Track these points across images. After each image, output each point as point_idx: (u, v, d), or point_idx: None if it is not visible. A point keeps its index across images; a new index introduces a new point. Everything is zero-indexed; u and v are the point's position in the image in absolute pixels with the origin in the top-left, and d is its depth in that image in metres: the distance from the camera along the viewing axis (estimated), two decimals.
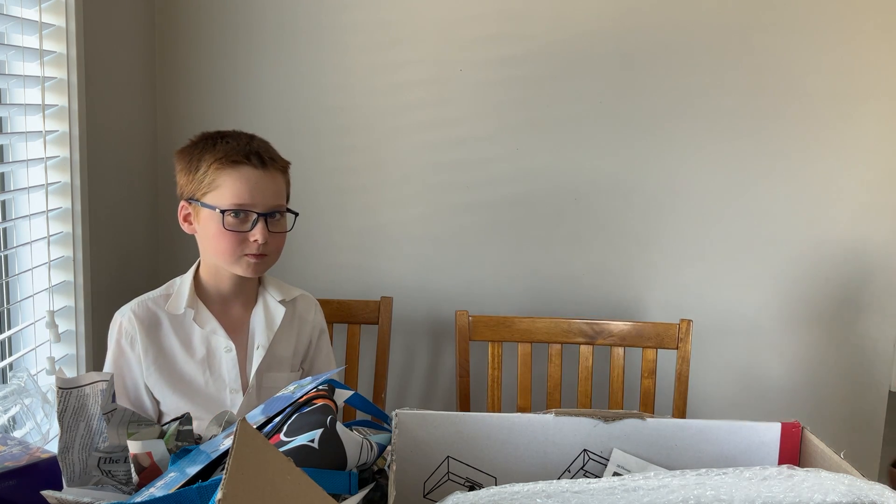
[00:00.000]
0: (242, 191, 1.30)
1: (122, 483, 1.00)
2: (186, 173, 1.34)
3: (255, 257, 1.33)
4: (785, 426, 0.94)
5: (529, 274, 1.92)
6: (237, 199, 1.30)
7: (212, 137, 1.35)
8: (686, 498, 0.75)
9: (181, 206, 1.36)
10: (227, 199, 1.30)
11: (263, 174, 1.33)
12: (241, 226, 1.31)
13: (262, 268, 1.36)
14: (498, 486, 0.79)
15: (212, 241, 1.32)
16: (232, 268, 1.35)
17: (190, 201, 1.34)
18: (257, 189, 1.31)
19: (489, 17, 1.83)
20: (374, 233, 1.91)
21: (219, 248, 1.32)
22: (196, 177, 1.32)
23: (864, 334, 1.92)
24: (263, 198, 1.32)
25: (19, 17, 1.34)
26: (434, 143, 1.88)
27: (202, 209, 1.32)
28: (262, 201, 1.32)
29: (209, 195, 1.31)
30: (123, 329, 1.35)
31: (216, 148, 1.32)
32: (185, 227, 1.37)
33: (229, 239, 1.30)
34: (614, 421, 0.93)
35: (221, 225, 1.30)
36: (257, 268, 1.34)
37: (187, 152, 1.35)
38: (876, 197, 1.87)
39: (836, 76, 1.83)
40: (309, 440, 0.85)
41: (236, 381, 1.36)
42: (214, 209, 1.30)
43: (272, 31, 1.83)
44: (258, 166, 1.32)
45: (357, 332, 1.76)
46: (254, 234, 1.31)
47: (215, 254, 1.34)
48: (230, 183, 1.30)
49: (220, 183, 1.30)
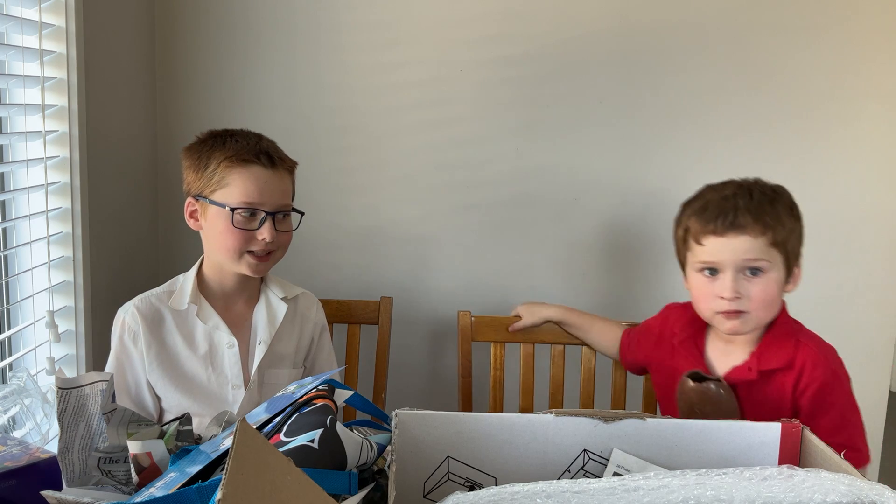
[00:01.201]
0: (252, 189, 1.32)
1: (122, 483, 1.00)
2: (195, 170, 1.35)
3: (258, 258, 1.35)
4: (785, 426, 0.94)
5: (529, 274, 1.92)
6: (246, 197, 1.32)
7: (221, 135, 1.36)
8: (686, 498, 0.75)
9: (188, 203, 1.36)
10: (236, 197, 1.31)
11: (272, 174, 1.35)
12: (249, 224, 1.33)
13: (265, 268, 1.38)
14: (498, 486, 0.79)
15: (218, 238, 1.33)
16: (235, 266, 1.36)
17: (197, 198, 1.35)
18: (266, 188, 1.33)
19: (489, 17, 1.83)
20: (374, 233, 1.91)
21: (225, 246, 1.33)
22: (205, 174, 1.33)
23: (863, 334, 1.92)
24: (272, 197, 1.34)
25: (19, 17, 1.34)
26: (434, 143, 1.88)
27: (210, 206, 1.33)
28: (270, 200, 1.34)
29: (218, 193, 1.32)
30: (126, 325, 1.36)
31: (226, 146, 1.33)
32: (190, 223, 1.38)
33: (236, 236, 1.32)
34: (614, 421, 0.93)
35: (230, 222, 1.31)
36: (259, 268, 1.36)
37: (196, 149, 1.36)
38: (876, 197, 1.87)
39: (837, 76, 1.83)
40: (309, 440, 0.86)
41: (238, 377, 1.37)
42: (224, 207, 1.31)
43: (273, 31, 1.83)
44: (267, 166, 1.34)
45: (357, 332, 1.76)
46: (261, 232, 1.33)
47: (220, 251, 1.35)
48: (240, 181, 1.32)
49: (229, 181, 1.32)
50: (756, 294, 1.24)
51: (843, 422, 1.26)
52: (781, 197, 1.28)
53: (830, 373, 1.26)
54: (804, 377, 1.26)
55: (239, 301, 1.43)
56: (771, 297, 1.26)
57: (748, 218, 1.24)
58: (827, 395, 1.26)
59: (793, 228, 1.27)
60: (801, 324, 1.32)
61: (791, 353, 1.27)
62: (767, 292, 1.25)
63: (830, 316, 1.91)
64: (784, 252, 1.26)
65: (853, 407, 1.28)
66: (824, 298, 1.91)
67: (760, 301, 1.25)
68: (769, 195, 1.27)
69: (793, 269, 1.29)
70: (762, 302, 1.25)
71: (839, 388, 1.27)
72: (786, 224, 1.26)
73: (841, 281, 1.90)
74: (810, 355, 1.26)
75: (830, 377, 1.26)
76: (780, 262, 1.26)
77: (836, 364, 1.28)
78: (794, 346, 1.27)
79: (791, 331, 1.29)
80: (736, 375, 1.29)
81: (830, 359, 1.28)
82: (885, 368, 1.95)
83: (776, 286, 1.26)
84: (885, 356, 1.94)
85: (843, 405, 1.27)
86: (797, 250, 1.29)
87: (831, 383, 1.26)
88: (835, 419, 1.25)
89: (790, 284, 1.29)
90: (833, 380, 1.26)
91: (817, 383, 1.25)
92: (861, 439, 1.27)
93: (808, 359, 1.26)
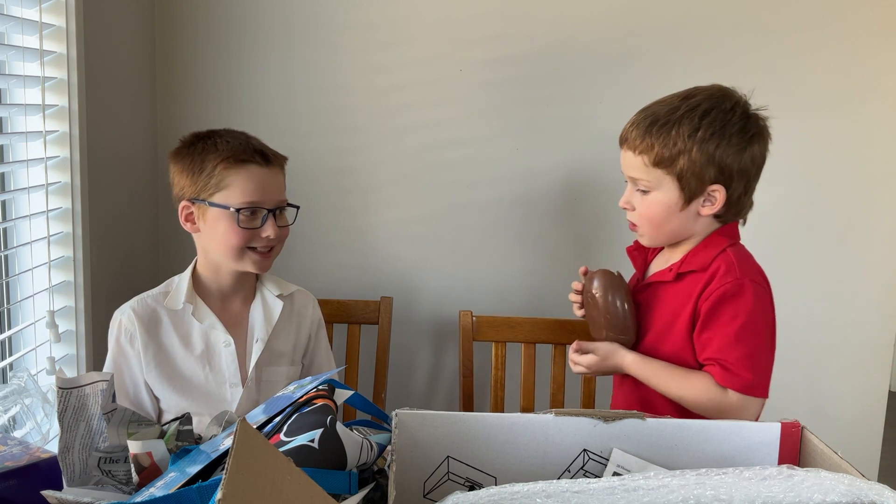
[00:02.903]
0: (252, 189, 1.33)
1: (122, 483, 1.00)
2: (189, 174, 1.35)
3: (262, 254, 1.36)
4: (785, 426, 0.94)
5: (529, 274, 1.92)
6: (248, 196, 1.33)
7: (207, 137, 1.37)
8: (686, 498, 0.75)
9: (182, 207, 1.36)
10: (238, 197, 1.32)
11: (269, 171, 1.37)
12: (251, 223, 1.34)
13: (269, 264, 1.40)
14: (498, 486, 0.79)
15: (221, 238, 1.34)
16: (238, 265, 1.37)
17: (195, 201, 1.35)
18: (265, 186, 1.35)
19: (489, 17, 1.83)
20: (374, 233, 1.91)
21: (229, 245, 1.34)
22: (201, 177, 1.33)
23: (863, 334, 1.92)
24: (271, 194, 1.36)
25: (19, 17, 1.35)
26: (434, 143, 1.88)
27: (210, 209, 1.33)
28: (270, 197, 1.36)
29: (218, 195, 1.33)
30: (123, 327, 1.36)
31: (218, 147, 1.34)
32: (187, 226, 1.38)
33: (241, 236, 1.33)
34: (614, 421, 0.93)
35: (234, 223, 1.32)
36: (264, 264, 1.38)
37: (186, 153, 1.36)
38: (875, 197, 1.87)
39: (837, 76, 1.83)
40: (309, 440, 0.86)
41: (235, 376, 1.38)
42: (228, 208, 1.32)
43: (273, 31, 1.83)
44: (263, 164, 1.36)
45: (357, 332, 1.76)
46: (265, 229, 1.35)
47: (223, 251, 1.35)
48: (239, 182, 1.32)
49: (229, 182, 1.32)
50: (640, 210, 1.25)
51: (735, 341, 1.19)
52: (695, 115, 1.20)
53: (738, 286, 1.20)
54: (713, 283, 1.22)
55: (235, 300, 1.44)
56: (653, 216, 1.24)
57: (633, 134, 1.24)
58: (726, 304, 1.20)
59: (693, 150, 1.19)
60: (742, 247, 1.27)
61: (709, 259, 1.24)
62: (650, 211, 1.24)
63: (830, 316, 1.91)
64: (675, 173, 1.21)
65: (756, 333, 1.20)
66: (824, 298, 1.91)
67: (644, 217, 1.25)
68: (681, 113, 1.20)
69: (703, 191, 1.21)
70: (645, 218, 1.25)
71: (743, 305, 1.19)
72: (678, 145, 1.19)
73: (841, 281, 1.90)
74: (726, 262, 1.22)
75: (736, 289, 1.20)
76: (668, 184, 1.22)
77: (753, 283, 1.21)
78: (717, 254, 1.24)
79: (722, 243, 1.25)
80: (656, 277, 1.31)
81: (747, 275, 1.21)
82: (885, 368, 1.95)
83: (660, 207, 1.23)
84: (885, 356, 1.94)
85: (744, 325, 1.19)
86: (706, 174, 1.20)
87: (735, 296, 1.20)
88: (727, 335, 1.19)
89: (707, 207, 1.23)
90: (738, 293, 1.20)
91: (721, 291, 1.20)
92: (744, 365, 1.19)
93: (722, 265, 1.22)
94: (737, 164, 1.21)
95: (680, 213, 1.24)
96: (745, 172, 1.22)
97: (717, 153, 1.19)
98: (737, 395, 1.19)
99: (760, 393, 1.21)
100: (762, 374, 1.21)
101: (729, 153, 1.20)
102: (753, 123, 1.23)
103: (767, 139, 1.26)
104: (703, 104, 1.21)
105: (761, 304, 1.22)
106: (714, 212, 1.24)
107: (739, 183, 1.22)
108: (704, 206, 1.24)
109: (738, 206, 1.26)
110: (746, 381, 1.19)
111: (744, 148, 1.21)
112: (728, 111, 1.21)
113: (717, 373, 1.20)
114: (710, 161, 1.20)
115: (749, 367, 1.19)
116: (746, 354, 1.20)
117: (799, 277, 1.90)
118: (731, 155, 1.20)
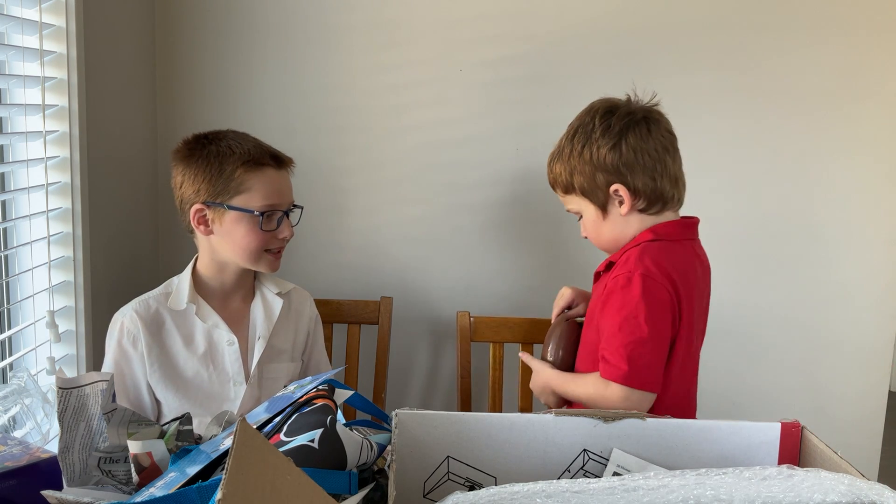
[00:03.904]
0: (272, 191, 1.35)
1: (122, 483, 1.00)
2: (206, 178, 1.33)
3: (275, 255, 1.40)
4: (785, 426, 0.94)
5: (529, 274, 1.92)
6: (269, 199, 1.35)
7: (216, 139, 1.36)
8: (686, 498, 0.75)
9: (196, 210, 1.35)
10: (259, 200, 1.34)
11: (283, 173, 1.40)
12: (270, 225, 1.36)
13: (279, 264, 1.42)
14: (498, 486, 0.79)
15: (240, 241, 1.35)
16: (255, 265, 1.39)
17: (210, 205, 1.34)
18: (281, 188, 1.38)
19: (489, 17, 1.83)
20: (374, 233, 1.91)
21: (248, 248, 1.35)
22: (220, 180, 1.33)
23: (863, 334, 1.92)
24: (287, 196, 1.40)
25: (19, 17, 1.35)
26: (434, 143, 1.88)
27: (228, 212, 1.33)
28: (286, 199, 1.39)
29: (238, 198, 1.33)
30: (125, 329, 1.36)
31: (234, 151, 1.34)
32: (200, 230, 1.37)
33: (260, 238, 1.35)
34: (614, 421, 0.93)
35: (255, 226, 1.34)
36: (276, 264, 1.41)
37: (197, 156, 1.35)
38: (875, 196, 1.87)
39: (837, 76, 1.83)
40: (309, 440, 0.86)
41: (239, 374, 1.39)
42: (251, 212, 1.33)
43: (272, 32, 1.83)
44: (277, 166, 1.38)
45: (357, 332, 1.76)
46: (282, 230, 1.38)
47: (239, 253, 1.36)
48: (259, 185, 1.34)
49: (249, 185, 1.33)
50: (585, 233, 1.35)
51: (617, 331, 1.20)
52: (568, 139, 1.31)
53: (627, 278, 1.21)
54: (612, 277, 1.25)
55: (236, 298, 1.44)
56: (591, 233, 1.34)
57: (548, 175, 1.37)
58: (614, 296, 1.22)
59: (577, 166, 1.28)
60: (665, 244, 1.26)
61: (621, 254, 1.28)
62: (588, 231, 1.34)
63: (830, 316, 1.91)
64: (580, 192, 1.30)
65: (638, 325, 1.19)
66: (824, 298, 1.91)
67: (590, 236, 1.35)
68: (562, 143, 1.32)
69: (608, 195, 1.27)
70: (591, 237, 1.35)
71: (629, 297, 1.20)
72: (567, 168, 1.30)
73: (841, 281, 1.90)
74: (628, 257, 1.25)
75: (626, 281, 1.21)
76: (583, 203, 1.31)
77: (643, 275, 1.20)
78: (629, 248, 1.27)
79: (642, 238, 1.27)
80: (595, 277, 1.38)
81: (640, 267, 1.21)
82: (885, 368, 1.95)
83: (591, 224, 1.32)
84: (885, 356, 1.94)
85: (626, 317, 1.19)
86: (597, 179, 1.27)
87: (623, 287, 1.21)
88: (611, 326, 1.21)
89: (623, 206, 1.27)
90: (626, 284, 1.21)
91: (612, 283, 1.24)
92: (621, 356, 1.18)
93: (622, 259, 1.26)
94: (618, 159, 1.26)
95: (605, 221, 1.31)
96: (632, 164, 1.26)
97: (594, 158, 1.27)
98: (618, 387, 1.19)
99: (641, 385, 1.18)
100: (643, 365, 1.19)
101: (603, 153, 1.26)
102: (618, 120, 1.27)
103: (646, 127, 1.28)
104: (572, 127, 1.32)
105: (649, 296, 1.20)
106: (630, 207, 1.28)
107: (635, 174, 1.26)
108: (620, 207, 1.28)
109: (656, 194, 1.28)
110: (623, 371, 1.18)
111: (616, 143, 1.26)
112: (588, 122, 1.29)
113: (601, 365, 1.22)
114: (594, 167, 1.27)
115: (625, 358, 1.18)
116: (624, 344, 1.19)
117: (799, 277, 1.90)
118: (606, 153, 1.26)
